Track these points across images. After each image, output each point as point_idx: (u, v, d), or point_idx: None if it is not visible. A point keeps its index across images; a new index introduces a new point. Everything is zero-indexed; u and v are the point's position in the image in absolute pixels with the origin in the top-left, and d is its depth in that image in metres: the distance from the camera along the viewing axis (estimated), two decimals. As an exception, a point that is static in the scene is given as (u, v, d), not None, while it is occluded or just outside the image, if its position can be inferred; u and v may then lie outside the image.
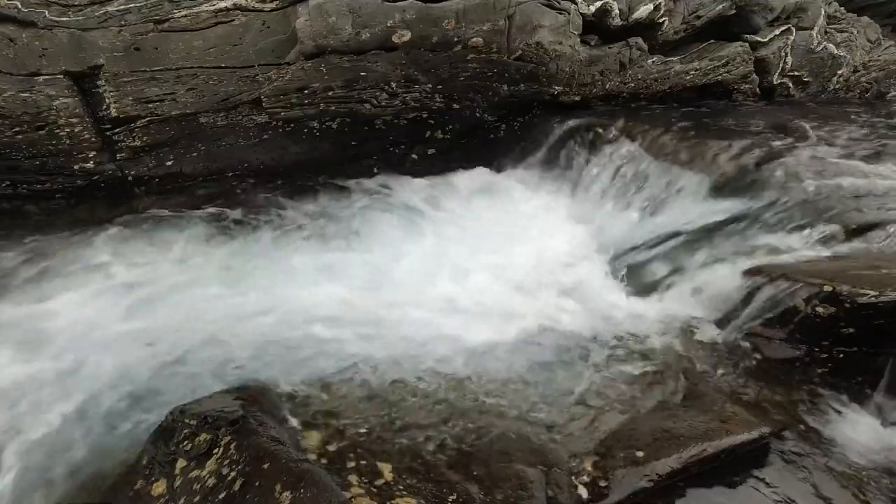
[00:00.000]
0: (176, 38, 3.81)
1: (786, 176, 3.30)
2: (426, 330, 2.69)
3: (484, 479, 1.74)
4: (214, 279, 3.15)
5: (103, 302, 2.93)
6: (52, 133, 3.68)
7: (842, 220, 2.82)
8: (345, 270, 3.27)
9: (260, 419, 1.82)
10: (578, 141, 4.31)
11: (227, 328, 2.67)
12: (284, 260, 3.39)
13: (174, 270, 3.26)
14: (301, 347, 2.54)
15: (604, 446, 1.93)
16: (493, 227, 3.82)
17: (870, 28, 5.72)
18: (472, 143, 4.66)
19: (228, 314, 2.80)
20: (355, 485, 1.64)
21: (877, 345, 2.19)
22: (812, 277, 2.35)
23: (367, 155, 4.50)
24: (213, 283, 3.10)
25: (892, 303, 2.12)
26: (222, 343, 2.57)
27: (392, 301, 2.93)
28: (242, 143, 4.20)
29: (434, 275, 3.20)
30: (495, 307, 2.91)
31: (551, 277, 3.20)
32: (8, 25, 3.51)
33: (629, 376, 2.36)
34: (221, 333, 2.64)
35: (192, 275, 3.20)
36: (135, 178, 4.02)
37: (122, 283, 3.12)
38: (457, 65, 4.16)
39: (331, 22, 3.82)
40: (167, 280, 3.13)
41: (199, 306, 2.88)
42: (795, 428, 2.07)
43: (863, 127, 4.16)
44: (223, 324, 2.71)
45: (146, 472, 1.76)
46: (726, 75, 4.98)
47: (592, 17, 4.39)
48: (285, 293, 2.99)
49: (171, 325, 2.71)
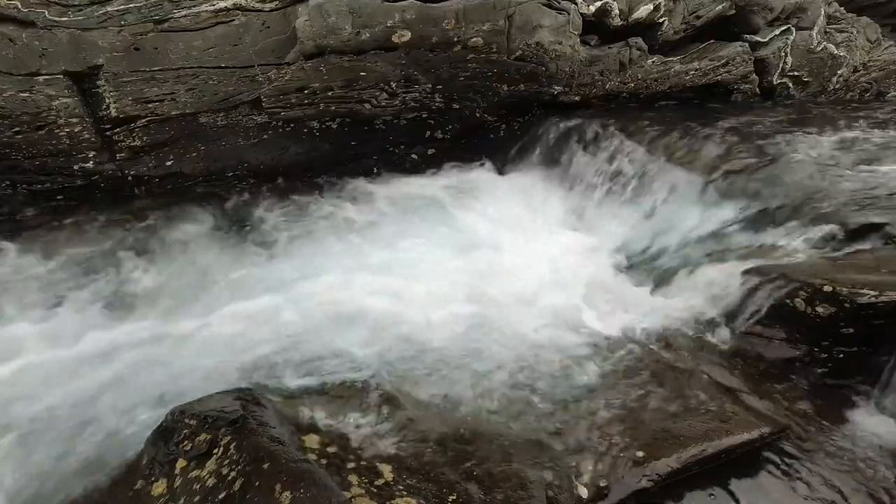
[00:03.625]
0: (176, 38, 3.81)
1: (785, 176, 3.31)
2: (425, 329, 2.69)
3: (484, 479, 1.74)
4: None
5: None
6: (52, 133, 3.68)
7: (842, 220, 2.81)
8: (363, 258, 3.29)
9: (260, 419, 1.82)
10: (578, 141, 4.31)
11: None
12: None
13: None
14: (302, 347, 2.54)
15: (604, 446, 1.93)
16: (492, 225, 3.82)
17: (870, 28, 5.72)
18: (472, 143, 4.66)
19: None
20: (355, 485, 1.64)
21: (877, 345, 2.19)
22: (812, 277, 2.35)
23: (367, 155, 4.50)
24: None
25: (892, 303, 2.11)
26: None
27: (389, 299, 2.93)
28: (242, 143, 4.20)
29: (427, 272, 3.20)
30: (493, 305, 2.91)
31: (550, 277, 3.20)
32: (8, 25, 3.51)
33: (628, 376, 2.36)
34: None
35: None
36: (135, 177, 4.02)
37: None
38: (457, 65, 4.16)
39: (331, 22, 3.82)
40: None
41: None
42: (795, 428, 2.07)
43: (863, 127, 4.15)
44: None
45: (146, 472, 1.76)
46: (726, 75, 4.97)
47: (592, 17, 4.39)
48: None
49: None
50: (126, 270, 3.29)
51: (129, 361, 2.51)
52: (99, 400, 2.28)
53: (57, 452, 2.04)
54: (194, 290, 3.13)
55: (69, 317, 2.93)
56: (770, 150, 3.59)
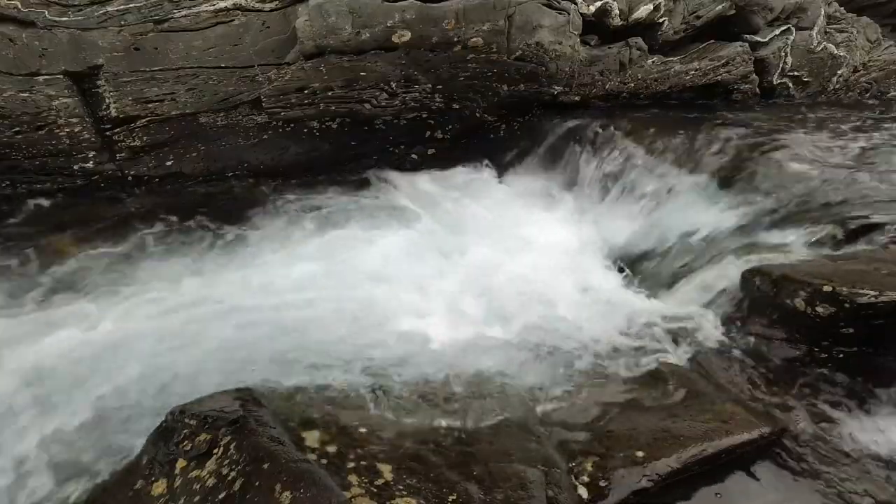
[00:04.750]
0: (176, 38, 3.81)
1: (785, 176, 3.31)
2: (425, 329, 2.69)
3: (484, 479, 1.74)
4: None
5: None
6: (52, 133, 3.68)
7: (842, 220, 2.81)
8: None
9: (260, 419, 1.82)
10: (578, 141, 4.31)
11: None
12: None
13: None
14: (303, 346, 2.54)
15: (604, 446, 1.93)
16: (492, 226, 3.82)
17: (870, 28, 5.72)
18: (472, 143, 4.66)
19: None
20: (355, 485, 1.64)
21: (877, 345, 2.19)
22: (812, 277, 2.34)
23: (367, 155, 4.50)
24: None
25: (892, 303, 2.11)
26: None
27: (387, 298, 2.93)
28: (242, 143, 4.20)
29: (429, 273, 3.20)
30: (493, 305, 2.91)
31: (551, 276, 3.20)
32: (8, 25, 3.51)
33: (629, 376, 2.36)
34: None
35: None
36: (135, 177, 4.02)
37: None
38: (457, 65, 4.16)
39: (331, 22, 3.82)
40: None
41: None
42: (795, 428, 2.07)
43: (862, 127, 4.15)
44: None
45: (146, 472, 1.76)
46: (726, 75, 4.97)
47: (592, 17, 4.39)
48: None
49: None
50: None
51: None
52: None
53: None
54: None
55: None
56: (770, 151, 3.58)
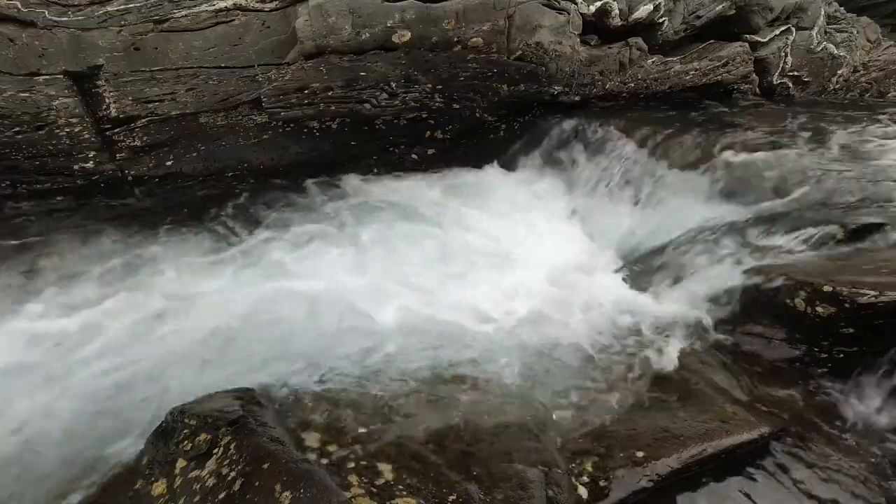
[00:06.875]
0: (176, 38, 3.81)
1: (785, 176, 3.30)
2: (425, 328, 2.69)
3: (484, 479, 1.74)
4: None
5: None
6: (52, 133, 3.68)
7: (842, 220, 2.81)
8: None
9: (260, 419, 1.82)
10: (578, 141, 4.31)
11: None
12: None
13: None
14: (303, 346, 2.54)
15: (604, 446, 1.93)
16: (492, 225, 3.82)
17: (870, 28, 5.73)
18: (472, 142, 4.66)
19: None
20: (355, 485, 1.64)
21: (877, 345, 2.19)
22: (812, 277, 2.35)
23: (367, 155, 4.50)
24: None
25: (892, 303, 2.11)
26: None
27: (387, 297, 2.93)
28: (242, 143, 4.20)
29: (433, 272, 3.20)
30: (493, 305, 2.91)
31: (551, 276, 3.20)
32: (8, 25, 3.51)
33: (629, 376, 2.36)
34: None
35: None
36: (134, 177, 4.02)
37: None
38: (457, 65, 4.16)
39: (331, 22, 3.82)
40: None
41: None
42: (795, 428, 2.07)
43: (862, 127, 4.15)
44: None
45: (146, 472, 1.76)
46: (726, 75, 4.98)
47: (592, 17, 4.40)
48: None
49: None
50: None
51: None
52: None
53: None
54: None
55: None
56: (770, 150, 3.59)
